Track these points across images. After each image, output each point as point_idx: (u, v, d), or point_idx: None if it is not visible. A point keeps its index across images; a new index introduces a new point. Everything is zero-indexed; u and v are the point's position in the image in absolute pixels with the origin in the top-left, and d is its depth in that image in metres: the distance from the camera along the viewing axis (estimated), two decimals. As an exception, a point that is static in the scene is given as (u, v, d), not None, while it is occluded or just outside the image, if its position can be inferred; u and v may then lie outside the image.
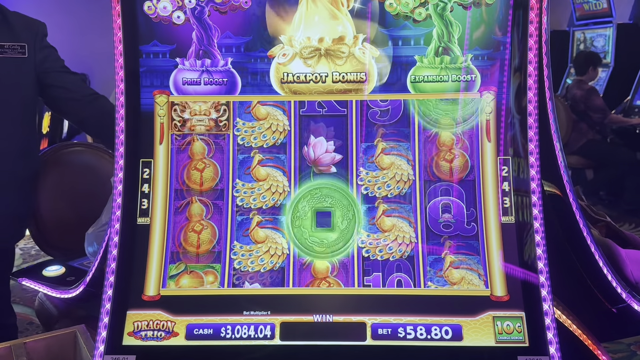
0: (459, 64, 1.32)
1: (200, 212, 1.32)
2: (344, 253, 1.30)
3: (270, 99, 1.34)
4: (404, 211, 1.30)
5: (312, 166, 1.32)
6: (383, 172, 1.31)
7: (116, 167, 1.31)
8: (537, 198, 1.24)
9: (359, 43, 1.32)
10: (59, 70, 1.94)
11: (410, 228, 1.29)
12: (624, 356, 2.41)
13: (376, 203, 1.30)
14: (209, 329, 1.24)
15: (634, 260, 1.38)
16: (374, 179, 1.31)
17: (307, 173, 1.32)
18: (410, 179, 1.31)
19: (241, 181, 1.32)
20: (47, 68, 1.91)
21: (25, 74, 1.87)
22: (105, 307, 1.24)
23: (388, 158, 1.31)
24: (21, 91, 1.88)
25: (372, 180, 1.31)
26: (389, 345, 1.21)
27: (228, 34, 1.34)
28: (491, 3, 1.30)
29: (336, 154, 1.32)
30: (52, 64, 1.93)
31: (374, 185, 1.31)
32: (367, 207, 1.30)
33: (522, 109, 1.28)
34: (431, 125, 1.32)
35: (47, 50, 1.93)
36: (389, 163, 1.31)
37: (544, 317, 1.18)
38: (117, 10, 1.32)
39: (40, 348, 1.38)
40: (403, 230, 1.29)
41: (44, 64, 1.91)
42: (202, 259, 1.30)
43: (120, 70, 1.33)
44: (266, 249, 1.29)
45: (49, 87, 1.93)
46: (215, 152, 1.33)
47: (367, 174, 1.31)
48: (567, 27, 6.81)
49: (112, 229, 1.29)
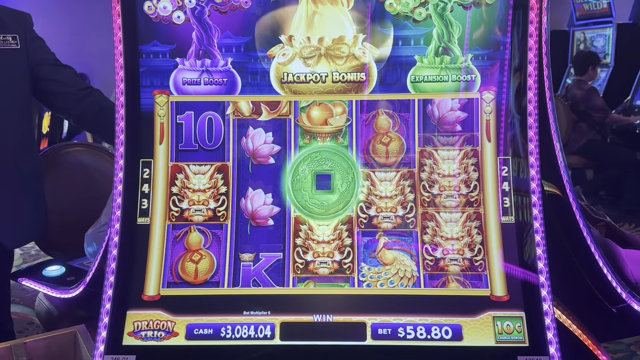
0: (459, 64, 1.32)
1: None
2: (344, 215, 1.30)
3: (270, 99, 1.34)
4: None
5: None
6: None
7: (116, 167, 1.31)
8: (537, 198, 1.24)
9: (359, 43, 1.32)
10: (52, 63, 1.89)
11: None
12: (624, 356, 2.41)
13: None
14: (209, 329, 1.24)
15: (634, 260, 1.38)
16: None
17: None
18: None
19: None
20: (39, 60, 1.85)
21: (19, 66, 1.81)
22: (105, 307, 1.24)
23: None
24: (17, 84, 1.82)
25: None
26: (389, 345, 1.21)
27: (228, 34, 1.34)
28: (491, 3, 1.30)
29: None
30: (44, 56, 1.87)
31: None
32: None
33: (522, 109, 1.28)
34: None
35: (38, 42, 1.87)
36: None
37: (544, 317, 1.18)
38: (117, 10, 1.32)
39: (40, 348, 1.38)
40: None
41: (36, 56, 1.85)
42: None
43: (120, 70, 1.33)
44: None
45: (42, 81, 1.87)
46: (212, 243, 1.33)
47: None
48: (567, 27, 6.80)
49: (112, 229, 1.29)
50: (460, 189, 1.30)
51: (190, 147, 1.35)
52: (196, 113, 1.35)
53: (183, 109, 1.35)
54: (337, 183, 1.32)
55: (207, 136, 1.35)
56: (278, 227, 1.31)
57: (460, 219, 1.29)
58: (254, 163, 1.34)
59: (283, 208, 1.32)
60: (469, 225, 1.29)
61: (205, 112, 1.35)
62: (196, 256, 1.30)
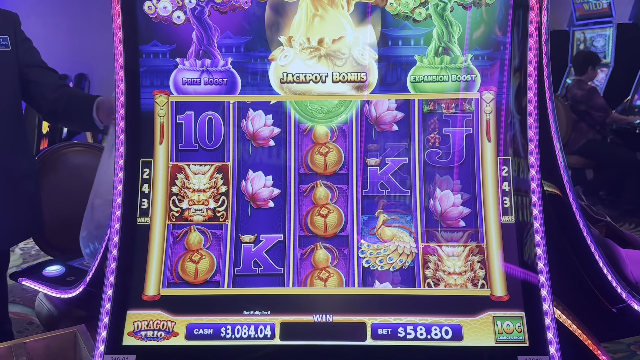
0: (459, 64, 1.32)
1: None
2: (343, 118, 1.32)
3: (270, 99, 1.34)
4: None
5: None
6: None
7: (116, 167, 1.31)
8: (537, 198, 1.24)
9: (359, 43, 1.32)
10: (40, 66, 1.86)
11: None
12: (624, 356, 2.41)
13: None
14: (209, 329, 1.24)
15: (634, 260, 1.38)
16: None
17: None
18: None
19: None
20: (29, 62, 1.83)
21: (10, 67, 1.78)
22: (105, 307, 1.24)
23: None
24: (7, 85, 1.79)
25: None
26: (389, 345, 1.21)
27: (228, 34, 1.34)
28: (491, 3, 1.30)
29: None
30: (33, 57, 1.85)
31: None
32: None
33: (522, 109, 1.28)
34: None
35: (27, 43, 1.85)
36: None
37: (544, 317, 1.18)
38: (117, 10, 1.32)
39: (40, 348, 1.38)
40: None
41: (26, 58, 1.83)
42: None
43: (120, 70, 1.33)
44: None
45: (31, 84, 1.84)
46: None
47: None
48: (567, 27, 6.80)
49: (112, 229, 1.29)
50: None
51: (190, 147, 1.35)
52: (196, 113, 1.35)
53: (183, 109, 1.35)
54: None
55: (207, 136, 1.35)
56: (279, 209, 1.32)
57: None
58: (254, 145, 1.34)
59: (283, 190, 1.33)
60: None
61: (205, 112, 1.35)
62: (196, 256, 1.30)
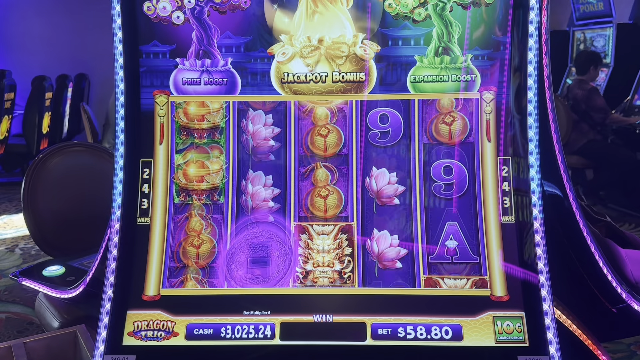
0: (459, 64, 1.32)
1: (202, 210, 1.32)
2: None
3: (271, 99, 1.34)
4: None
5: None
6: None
7: (116, 167, 1.31)
8: (537, 198, 1.24)
9: (359, 43, 1.32)
10: None
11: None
12: (624, 356, 2.41)
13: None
14: (209, 329, 1.24)
15: (634, 260, 1.38)
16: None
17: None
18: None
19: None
20: None
21: None
22: (105, 307, 1.24)
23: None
24: None
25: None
26: (389, 345, 1.21)
27: (228, 34, 1.34)
28: (491, 3, 1.30)
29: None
30: None
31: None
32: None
33: (522, 109, 1.28)
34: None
35: None
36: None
37: (544, 317, 1.18)
38: (117, 10, 1.32)
39: (40, 348, 1.38)
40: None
41: None
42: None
43: (120, 70, 1.33)
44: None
45: None
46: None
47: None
48: (567, 27, 6.81)
49: (112, 229, 1.29)
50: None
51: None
52: None
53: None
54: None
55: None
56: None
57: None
58: (253, 145, 1.34)
59: (284, 189, 1.32)
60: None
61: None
62: (197, 241, 1.30)
